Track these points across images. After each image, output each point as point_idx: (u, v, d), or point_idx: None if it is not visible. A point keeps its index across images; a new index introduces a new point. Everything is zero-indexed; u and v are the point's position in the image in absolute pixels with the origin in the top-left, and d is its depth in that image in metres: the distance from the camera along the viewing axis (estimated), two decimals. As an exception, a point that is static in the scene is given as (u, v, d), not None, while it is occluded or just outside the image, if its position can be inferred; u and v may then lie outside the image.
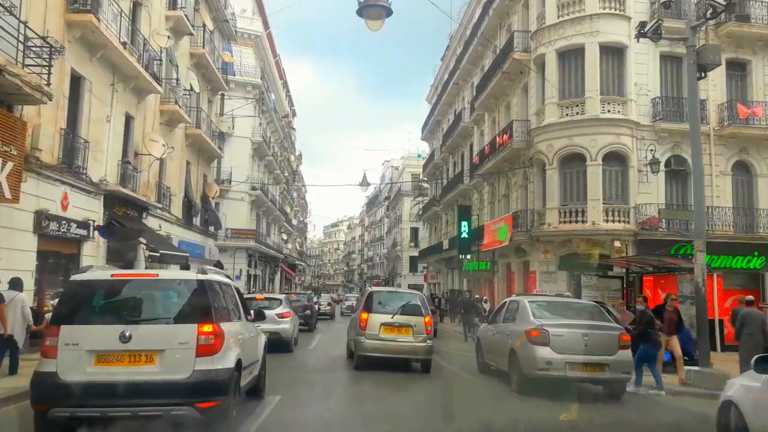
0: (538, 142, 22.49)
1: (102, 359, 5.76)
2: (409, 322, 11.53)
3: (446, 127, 43.54)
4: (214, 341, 5.98)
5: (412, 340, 11.47)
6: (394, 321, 11.53)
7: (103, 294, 6.34)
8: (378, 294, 12.87)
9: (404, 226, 75.91)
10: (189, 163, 25.31)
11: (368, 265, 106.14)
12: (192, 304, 6.16)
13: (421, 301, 12.40)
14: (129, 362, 5.79)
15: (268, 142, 45.35)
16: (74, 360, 5.72)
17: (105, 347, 5.79)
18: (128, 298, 6.36)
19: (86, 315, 6.08)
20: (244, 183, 39.31)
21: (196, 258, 25.78)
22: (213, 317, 6.11)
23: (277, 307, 15.85)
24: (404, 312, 11.73)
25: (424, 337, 11.56)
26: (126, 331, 5.79)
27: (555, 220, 21.50)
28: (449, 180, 41.16)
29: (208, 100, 28.07)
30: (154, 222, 20.81)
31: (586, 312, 10.36)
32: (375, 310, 11.80)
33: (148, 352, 5.82)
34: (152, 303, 6.36)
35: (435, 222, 48.96)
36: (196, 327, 5.93)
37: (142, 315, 6.21)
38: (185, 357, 5.84)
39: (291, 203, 70.26)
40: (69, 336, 5.78)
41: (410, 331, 11.47)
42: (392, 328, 11.48)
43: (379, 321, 11.52)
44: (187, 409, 5.71)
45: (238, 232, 38.63)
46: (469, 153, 36.40)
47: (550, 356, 9.06)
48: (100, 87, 16.05)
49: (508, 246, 25.20)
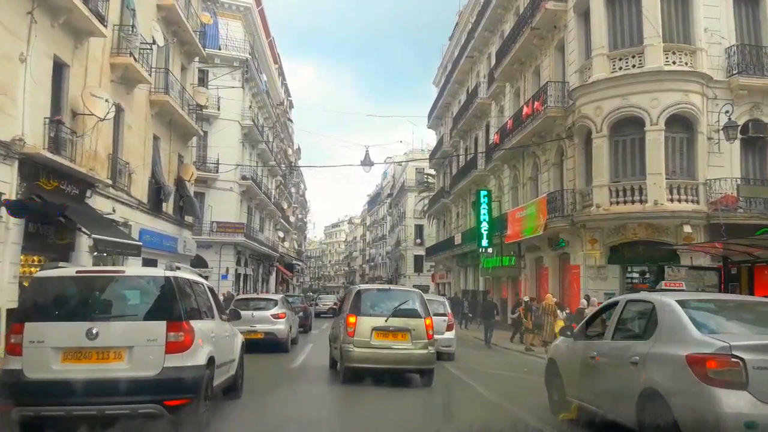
0: (582, 105, 18.21)
1: (69, 356, 5.68)
2: (407, 325, 9.96)
3: (456, 110, 39.29)
4: (184, 338, 5.93)
5: (411, 347, 9.92)
6: (388, 325, 9.94)
7: (68, 290, 6.14)
8: (368, 293, 10.88)
9: (408, 223, 71.69)
10: (158, 138, 21.08)
11: (370, 265, 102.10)
12: (161, 301, 6.05)
13: (419, 300, 10.63)
14: (97, 359, 5.70)
15: (260, 129, 41.14)
16: (40, 358, 5.61)
17: (71, 344, 5.69)
18: (95, 294, 6.22)
19: (51, 312, 5.90)
20: (233, 170, 35.04)
21: (165, 252, 21.54)
22: (182, 314, 6.06)
23: (272, 308, 15.61)
24: (400, 314, 10.07)
25: (424, 343, 9.97)
26: (93, 328, 5.71)
27: (605, 200, 17.22)
28: (460, 168, 36.90)
29: (182, 66, 23.82)
30: (106, 204, 16.58)
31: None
32: (365, 312, 10.13)
33: (116, 348, 5.76)
34: (120, 300, 6.30)
35: (443, 216, 44.69)
36: (165, 324, 5.86)
37: (109, 312, 6.15)
38: (155, 354, 5.78)
39: (289, 199, 66.04)
40: (33, 333, 5.68)
41: (408, 337, 9.93)
42: (386, 334, 9.92)
43: (370, 325, 9.90)
44: (155, 407, 5.62)
45: (224, 225, 34.37)
46: (484, 135, 32.15)
47: (751, 410, 4.53)
48: (9, 12, 11.84)
49: (540, 236, 20.93)
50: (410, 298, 10.59)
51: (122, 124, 17.90)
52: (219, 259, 34.87)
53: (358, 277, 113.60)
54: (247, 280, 41.60)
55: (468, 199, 35.28)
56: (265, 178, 46.83)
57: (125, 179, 17.85)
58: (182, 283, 6.42)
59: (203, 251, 34.67)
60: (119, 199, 17.57)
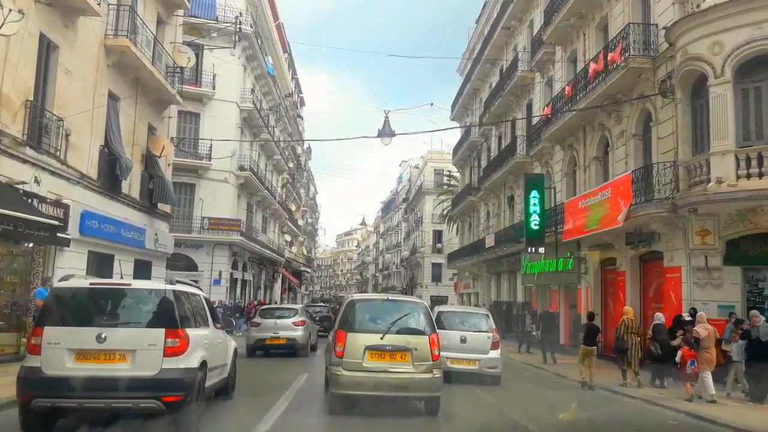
0: (688, 43, 13.05)
1: (80, 357, 6.41)
2: (407, 344, 8.31)
3: (486, 95, 34.29)
4: (180, 344, 6.65)
5: (412, 371, 8.24)
6: (384, 343, 8.29)
7: (81, 300, 6.93)
8: (362, 304, 9.33)
9: (426, 228, 66.67)
10: (116, 97, 16.29)
11: (383, 274, 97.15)
12: (160, 311, 6.78)
13: (424, 313, 8.90)
14: (104, 360, 6.43)
15: (263, 117, 36.34)
16: (56, 357, 6.37)
17: (83, 346, 6.42)
18: (104, 304, 6.98)
19: (66, 318, 6.67)
20: (229, 158, 30.22)
21: (126, 246, 16.67)
22: (179, 323, 6.77)
23: (293, 316, 16.83)
24: (399, 330, 8.44)
25: (429, 365, 8.30)
26: (102, 333, 6.43)
27: (729, 173, 12.01)
28: (492, 159, 31.81)
29: (158, 17, 19.02)
30: (22, 170, 11.74)
31: None
32: (357, 327, 8.52)
33: (121, 351, 6.46)
34: (126, 309, 6.96)
35: (469, 217, 39.53)
36: (164, 331, 6.60)
37: (116, 319, 6.86)
38: (154, 357, 6.49)
39: (297, 201, 61.22)
40: (51, 336, 6.42)
41: (408, 358, 8.27)
42: (382, 354, 8.27)
43: (363, 344, 8.29)
44: (154, 402, 6.34)
45: (217, 222, 29.46)
46: (526, 115, 27.05)
47: None
48: None
49: (614, 231, 15.78)
50: (412, 311, 8.93)
51: (55, 65, 13.10)
52: (211, 261, 29.97)
53: (370, 286, 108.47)
54: (247, 286, 36.66)
55: (503, 194, 30.13)
56: (269, 173, 42.03)
57: (57, 141, 12.99)
58: (180, 295, 7.24)
59: (192, 252, 29.85)
60: (48, 167, 12.71)
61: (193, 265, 29.60)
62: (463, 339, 12.11)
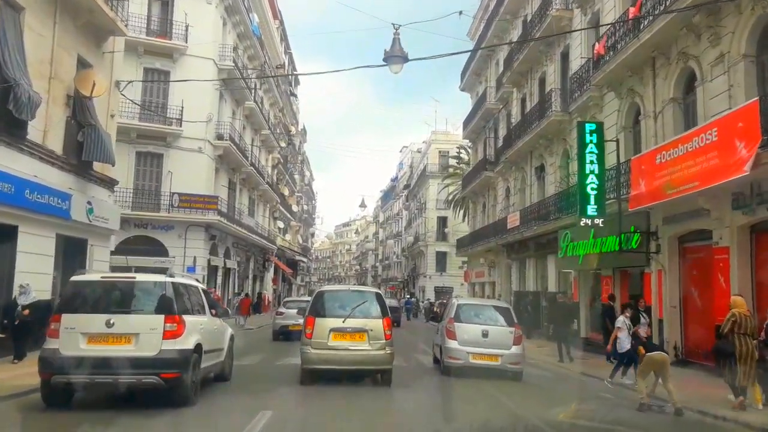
0: None
1: (92, 339, 7.59)
2: (364, 326, 10.03)
3: (504, 55, 29.61)
4: (177, 328, 7.80)
5: (368, 348, 9.98)
6: (345, 326, 10.01)
7: (94, 290, 8.17)
8: (328, 294, 11.09)
9: (429, 215, 62.16)
10: (16, 6, 11.63)
11: (383, 265, 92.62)
12: (161, 300, 7.94)
13: (378, 300, 10.59)
14: (113, 342, 7.60)
15: (248, 83, 31.63)
16: (71, 340, 7.56)
17: (94, 330, 7.60)
18: (113, 294, 8.20)
19: (81, 306, 7.87)
20: (205, 124, 25.59)
21: (38, 214, 12.05)
22: (176, 310, 7.93)
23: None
24: (358, 314, 10.10)
25: (382, 343, 10.03)
26: (111, 319, 7.63)
27: None
28: (514, 126, 27.17)
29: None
30: None
31: None
32: (323, 313, 10.24)
33: (127, 334, 7.65)
34: (131, 298, 8.19)
35: (483, 197, 34.92)
36: (163, 317, 7.78)
37: (123, 307, 8.04)
38: (155, 339, 7.66)
39: (290, 185, 56.56)
40: (68, 322, 7.63)
41: (365, 337, 9.99)
42: (344, 335, 10.00)
43: (328, 327, 10.01)
44: (154, 378, 7.55)
45: (189, 198, 24.82)
46: (558, 69, 22.38)
47: None
48: None
49: (713, 193, 11.18)
50: (369, 299, 10.57)
51: None
52: (184, 246, 25.34)
53: (369, 278, 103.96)
54: (230, 275, 32.06)
55: (528, 166, 25.50)
56: (256, 149, 37.37)
57: None
58: (178, 286, 8.41)
59: (161, 234, 25.23)
60: None
61: (162, 250, 25.03)
62: (485, 333, 11.91)
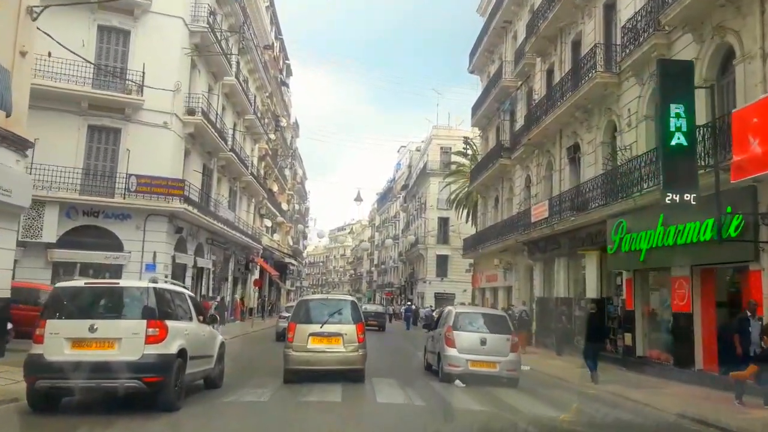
0: None
1: (76, 344, 7.58)
2: (339, 331, 11.21)
3: (524, 23, 25.49)
4: (159, 333, 7.80)
5: (343, 350, 11.14)
6: (323, 330, 11.16)
7: (78, 296, 8.19)
8: (309, 302, 12.53)
9: (430, 215, 57.89)
10: None
11: (379, 270, 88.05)
12: (144, 305, 7.93)
13: (352, 307, 11.85)
14: (96, 347, 7.62)
15: (227, 53, 27.32)
16: (56, 345, 7.54)
17: (78, 335, 7.61)
18: (96, 299, 8.28)
19: (65, 311, 7.88)
20: (171, 93, 21.30)
21: None
22: (158, 316, 7.93)
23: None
24: (334, 320, 11.33)
25: (356, 346, 11.19)
26: (94, 324, 7.64)
27: None
28: (538, 101, 22.99)
29: None
30: None
31: None
32: (303, 320, 11.44)
33: (110, 339, 7.66)
34: (114, 303, 8.27)
35: (496, 190, 30.68)
36: (145, 322, 7.76)
37: (106, 312, 8.14)
38: (137, 344, 7.66)
39: (281, 181, 52.20)
40: (52, 327, 7.63)
41: (340, 341, 11.16)
42: (321, 339, 11.14)
43: (308, 331, 11.16)
44: (137, 382, 7.53)
45: (149, 182, 20.43)
46: (601, 26, 18.20)
47: None
48: None
49: None
50: (344, 306, 11.74)
51: None
52: (142, 239, 20.94)
53: (364, 284, 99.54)
54: (204, 275, 27.63)
55: (557, 147, 21.32)
56: (240, 135, 33.05)
57: None
58: (161, 292, 8.41)
59: (115, 224, 20.87)
60: None
61: (117, 244, 20.64)
62: (483, 341, 12.15)
